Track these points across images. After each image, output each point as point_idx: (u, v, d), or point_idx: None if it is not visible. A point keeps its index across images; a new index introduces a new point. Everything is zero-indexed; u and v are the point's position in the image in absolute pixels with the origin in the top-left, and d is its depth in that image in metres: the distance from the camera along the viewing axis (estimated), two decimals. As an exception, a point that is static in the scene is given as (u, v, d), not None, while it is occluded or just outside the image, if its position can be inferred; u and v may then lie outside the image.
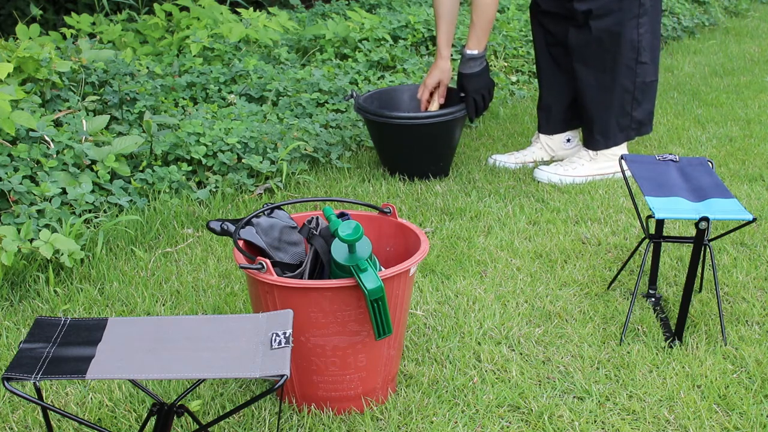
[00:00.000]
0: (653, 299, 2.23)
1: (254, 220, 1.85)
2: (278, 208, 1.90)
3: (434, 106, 3.18)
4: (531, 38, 4.37)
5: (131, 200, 2.75)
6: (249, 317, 1.40)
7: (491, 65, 4.50)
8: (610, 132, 3.07)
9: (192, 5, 4.47)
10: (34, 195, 2.51)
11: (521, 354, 2.00)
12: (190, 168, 2.93)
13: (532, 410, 1.78)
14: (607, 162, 3.10)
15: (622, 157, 2.21)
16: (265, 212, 1.87)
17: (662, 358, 1.97)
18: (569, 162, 3.11)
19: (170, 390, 1.84)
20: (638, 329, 2.09)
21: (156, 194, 2.79)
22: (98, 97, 3.29)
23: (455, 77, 3.26)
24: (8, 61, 3.02)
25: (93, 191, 2.69)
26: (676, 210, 1.93)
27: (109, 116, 3.04)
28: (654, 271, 2.24)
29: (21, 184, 2.52)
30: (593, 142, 3.10)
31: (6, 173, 2.55)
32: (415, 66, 4.15)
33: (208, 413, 1.78)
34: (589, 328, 2.10)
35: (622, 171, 2.20)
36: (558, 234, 2.64)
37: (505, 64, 4.55)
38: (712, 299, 2.23)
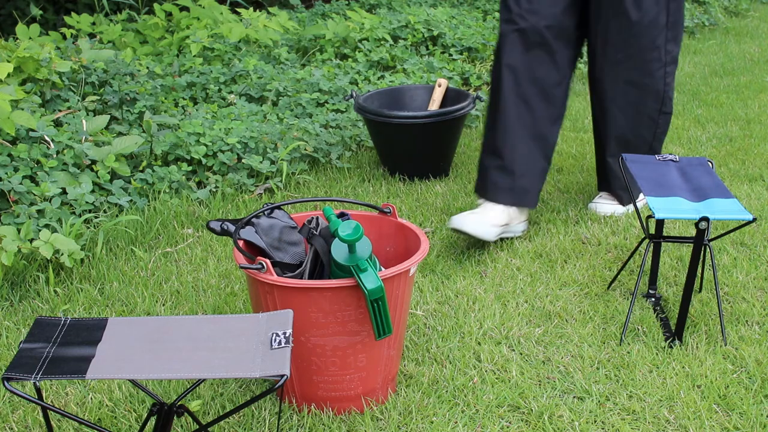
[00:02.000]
0: (653, 299, 2.23)
1: (254, 220, 1.85)
2: (278, 208, 1.90)
3: (434, 106, 3.18)
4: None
5: (131, 200, 2.75)
6: (249, 317, 1.40)
7: (491, 65, 4.49)
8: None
9: (192, 5, 4.47)
10: (34, 195, 2.51)
11: (521, 354, 2.00)
12: (190, 168, 2.93)
13: (532, 410, 1.78)
14: None
15: (622, 157, 2.21)
16: (265, 212, 1.87)
17: (662, 358, 1.97)
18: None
19: (170, 390, 1.84)
20: (638, 329, 2.09)
21: (156, 194, 2.79)
22: (98, 97, 3.29)
23: (456, 78, 3.25)
24: (8, 61, 3.02)
25: (93, 191, 2.69)
26: (676, 210, 1.93)
27: (109, 116, 3.04)
28: (654, 271, 2.24)
29: (21, 184, 2.52)
30: (620, 198, 2.84)
31: (6, 173, 2.55)
32: (415, 66, 4.15)
33: (208, 413, 1.78)
34: (589, 328, 2.10)
35: (623, 171, 2.20)
36: (558, 234, 2.63)
37: (505, 64, 4.54)
38: (712, 299, 2.23)
